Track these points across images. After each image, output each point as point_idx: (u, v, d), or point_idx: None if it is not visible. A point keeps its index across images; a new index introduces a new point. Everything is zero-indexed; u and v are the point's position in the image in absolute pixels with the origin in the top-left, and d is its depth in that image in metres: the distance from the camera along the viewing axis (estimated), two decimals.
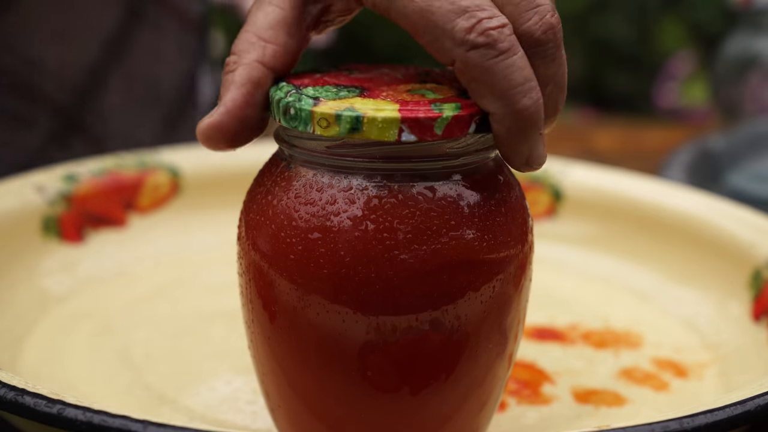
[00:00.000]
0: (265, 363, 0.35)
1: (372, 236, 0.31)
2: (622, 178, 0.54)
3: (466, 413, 0.35)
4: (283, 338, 0.33)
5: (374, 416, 0.34)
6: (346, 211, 0.32)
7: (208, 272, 0.50)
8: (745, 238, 0.48)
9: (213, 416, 0.39)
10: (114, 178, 0.51)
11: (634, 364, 0.44)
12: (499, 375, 0.35)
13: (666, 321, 0.48)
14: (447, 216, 0.32)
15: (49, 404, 0.32)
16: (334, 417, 0.34)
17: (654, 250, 0.51)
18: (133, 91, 0.59)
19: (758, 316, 0.45)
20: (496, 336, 0.34)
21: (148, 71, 0.60)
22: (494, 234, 0.33)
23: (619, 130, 0.84)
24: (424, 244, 0.32)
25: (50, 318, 0.45)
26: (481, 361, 0.34)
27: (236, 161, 0.54)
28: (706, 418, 0.32)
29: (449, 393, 0.34)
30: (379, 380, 0.33)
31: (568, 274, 0.52)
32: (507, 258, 0.33)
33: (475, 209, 0.32)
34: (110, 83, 0.58)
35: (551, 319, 0.47)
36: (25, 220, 0.48)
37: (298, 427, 0.35)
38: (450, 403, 0.34)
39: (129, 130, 0.59)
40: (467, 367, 0.33)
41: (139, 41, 0.59)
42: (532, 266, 0.35)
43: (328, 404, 0.34)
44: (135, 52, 0.59)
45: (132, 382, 0.41)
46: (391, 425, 0.34)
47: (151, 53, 0.60)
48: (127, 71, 0.59)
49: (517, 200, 0.34)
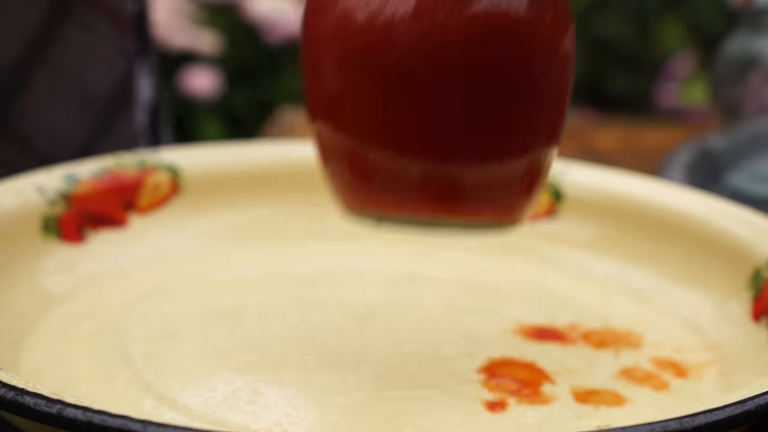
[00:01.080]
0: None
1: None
2: (622, 178, 0.54)
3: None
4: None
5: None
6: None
7: (208, 272, 0.50)
8: (745, 238, 0.48)
9: (213, 416, 0.39)
10: (114, 178, 0.51)
11: (634, 364, 0.44)
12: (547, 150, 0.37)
13: (666, 321, 0.48)
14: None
15: (49, 404, 0.32)
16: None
17: (654, 250, 0.51)
18: (60, 91, 0.59)
19: (758, 316, 0.45)
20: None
21: (77, 71, 0.59)
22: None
23: (619, 130, 0.84)
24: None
25: (50, 318, 0.45)
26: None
27: (236, 161, 0.54)
28: (706, 418, 0.32)
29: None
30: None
31: (568, 274, 0.52)
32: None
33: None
34: (34, 82, 0.57)
35: (551, 319, 0.47)
36: (25, 220, 0.48)
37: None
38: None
39: (57, 130, 0.59)
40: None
41: (66, 39, 0.58)
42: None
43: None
44: (62, 51, 0.58)
45: (132, 382, 0.41)
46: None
47: (81, 52, 0.59)
48: (53, 70, 0.58)
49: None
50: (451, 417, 0.39)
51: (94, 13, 0.59)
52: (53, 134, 0.59)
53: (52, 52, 0.58)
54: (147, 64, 0.64)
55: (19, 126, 0.57)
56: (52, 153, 0.59)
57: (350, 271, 0.51)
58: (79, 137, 0.61)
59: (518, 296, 0.50)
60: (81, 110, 0.60)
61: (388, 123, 0.37)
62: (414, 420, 0.39)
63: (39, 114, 0.58)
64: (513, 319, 0.47)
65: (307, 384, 0.41)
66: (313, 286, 0.50)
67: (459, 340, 0.45)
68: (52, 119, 0.59)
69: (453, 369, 0.43)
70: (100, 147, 0.61)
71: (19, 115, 0.57)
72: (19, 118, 0.57)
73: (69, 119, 0.60)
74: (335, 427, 0.39)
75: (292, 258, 0.52)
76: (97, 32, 0.59)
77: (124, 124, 0.64)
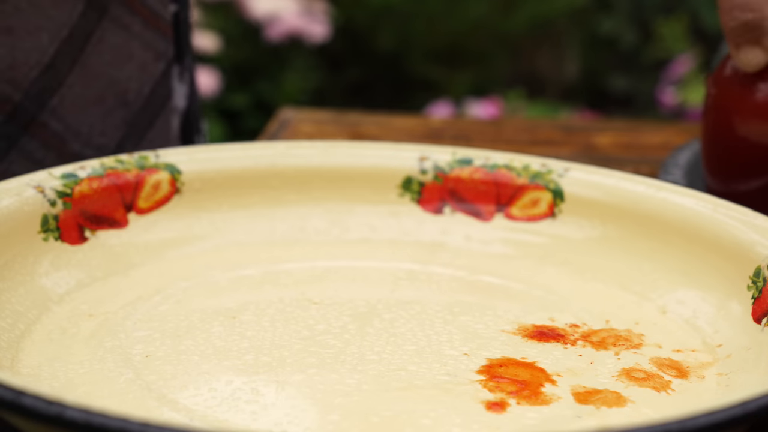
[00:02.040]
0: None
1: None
2: (622, 178, 0.54)
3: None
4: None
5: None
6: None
7: (208, 272, 0.50)
8: (745, 238, 0.48)
9: (213, 416, 0.39)
10: (114, 178, 0.51)
11: (635, 365, 0.44)
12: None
13: (666, 321, 0.48)
14: None
15: (48, 404, 0.32)
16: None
17: (654, 250, 0.51)
18: (94, 92, 0.58)
19: (758, 316, 0.45)
20: None
21: (112, 72, 0.59)
22: None
23: (619, 130, 0.84)
24: None
25: (50, 318, 0.45)
26: None
27: (236, 161, 0.54)
28: (706, 418, 0.32)
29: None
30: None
31: (568, 274, 0.52)
32: None
33: None
34: (68, 82, 0.57)
35: (551, 319, 0.47)
36: (25, 220, 0.48)
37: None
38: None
39: (90, 132, 0.58)
40: None
41: (102, 40, 0.57)
42: None
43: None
44: (97, 51, 0.57)
45: (132, 382, 0.41)
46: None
47: (117, 54, 0.58)
48: (87, 70, 0.57)
49: None
50: (451, 417, 0.39)
51: (131, 15, 0.59)
52: (86, 135, 0.59)
53: (88, 53, 0.58)
54: (182, 71, 0.64)
55: (51, 126, 0.57)
56: (84, 154, 0.59)
57: (350, 271, 0.51)
58: (113, 140, 0.61)
59: (518, 296, 0.50)
60: (115, 112, 0.60)
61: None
62: (414, 420, 0.39)
63: (72, 114, 0.58)
64: (513, 319, 0.47)
65: (307, 384, 0.41)
66: (313, 286, 0.50)
67: (459, 340, 0.45)
68: (85, 120, 0.58)
69: (453, 369, 0.43)
70: (134, 150, 0.61)
71: (51, 115, 0.57)
72: (52, 118, 0.57)
73: (102, 121, 0.59)
74: (335, 427, 0.39)
75: (292, 258, 0.52)
76: (133, 34, 0.59)
77: (159, 129, 0.63)
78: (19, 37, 0.54)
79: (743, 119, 0.58)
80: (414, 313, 0.47)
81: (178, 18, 0.62)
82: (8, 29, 0.54)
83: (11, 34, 0.54)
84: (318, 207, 0.54)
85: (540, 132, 0.83)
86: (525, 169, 0.54)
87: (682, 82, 1.94)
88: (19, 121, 0.55)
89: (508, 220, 0.54)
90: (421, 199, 0.54)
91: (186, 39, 0.63)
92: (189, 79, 0.64)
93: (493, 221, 0.54)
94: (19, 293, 0.46)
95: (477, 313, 0.47)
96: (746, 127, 0.58)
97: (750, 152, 0.58)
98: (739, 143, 0.59)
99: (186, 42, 0.64)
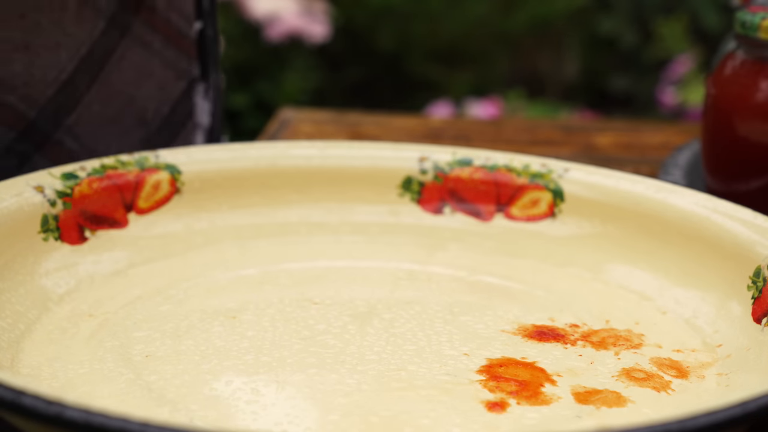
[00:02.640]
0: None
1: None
2: (622, 178, 0.54)
3: None
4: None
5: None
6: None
7: (208, 272, 0.50)
8: (745, 238, 0.48)
9: (213, 416, 0.39)
10: (114, 178, 0.51)
11: (635, 365, 0.44)
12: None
13: (666, 321, 0.48)
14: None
15: (48, 404, 0.32)
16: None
17: (654, 250, 0.51)
18: (112, 110, 0.58)
19: (758, 316, 0.45)
20: None
21: (131, 91, 0.59)
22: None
23: (619, 130, 0.84)
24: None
25: (50, 318, 0.45)
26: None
27: (236, 162, 0.54)
28: (706, 418, 0.32)
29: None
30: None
31: (568, 274, 0.52)
32: None
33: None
34: (86, 100, 0.57)
35: (551, 319, 0.47)
36: (25, 220, 0.48)
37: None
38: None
39: (106, 151, 0.58)
40: None
41: (122, 58, 0.57)
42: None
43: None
44: (117, 70, 0.57)
45: (132, 382, 0.41)
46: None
47: (136, 72, 0.58)
48: (106, 88, 0.57)
49: None
50: (451, 417, 0.39)
51: (152, 33, 0.58)
52: (101, 154, 0.58)
53: (107, 71, 0.57)
54: (207, 89, 0.63)
55: (66, 144, 0.56)
56: None
57: (350, 271, 0.51)
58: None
59: (518, 296, 0.50)
60: (132, 132, 0.60)
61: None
62: (414, 420, 0.39)
63: (88, 133, 0.57)
64: (513, 319, 0.47)
65: (307, 384, 0.41)
66: (313, 286, 0.50)
67: (459, 340, 0.45)
68: (101, 139, 0.58)
69: (453, 369, 0.43)
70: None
71: (67, 133, 0.57)
72: (67, 136, 0.57)
73: (119, 140, 0.59)
74: (335, 426, 0.39)
75: (292, 258, 0.52)
76: (154, 52, 0.58)
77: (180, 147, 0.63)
78: (36, 53, 0.54)
79: (743, 119, 0.58)
80: (414, 313, 0.47)
81: (203, 35, 0.62)
82: (26, 45, 0.54)
83: (29, 50, 0.54)
84: (318, 207, 0.54)
85: (540, 132, 0.83)
86: (525, 169, 0.54)
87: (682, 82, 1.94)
88: (34, 138, 0.55)
89: (508, 220, 0.54)
90: (420, 199, 0.54)
91: (212, 56, 0.63)
92: (214, 96, 0.64)
93: (493, 221, 0.54)
94: (19, 293, 0.46)
95: (477, 313, 0.48)
96: (746, 127, 0.58)
97: (750, 152, 0.58)
98: (739, 143, 0.59)
99: (212, 59, 0.63)
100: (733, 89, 0.59)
